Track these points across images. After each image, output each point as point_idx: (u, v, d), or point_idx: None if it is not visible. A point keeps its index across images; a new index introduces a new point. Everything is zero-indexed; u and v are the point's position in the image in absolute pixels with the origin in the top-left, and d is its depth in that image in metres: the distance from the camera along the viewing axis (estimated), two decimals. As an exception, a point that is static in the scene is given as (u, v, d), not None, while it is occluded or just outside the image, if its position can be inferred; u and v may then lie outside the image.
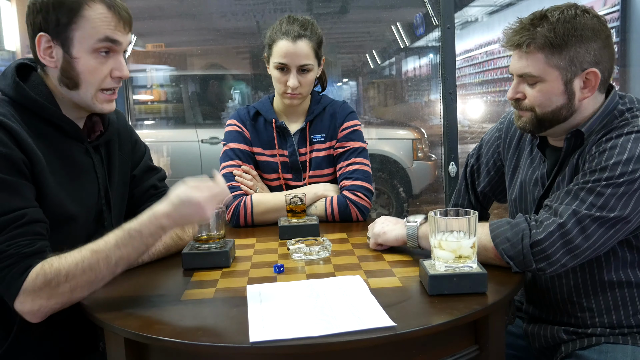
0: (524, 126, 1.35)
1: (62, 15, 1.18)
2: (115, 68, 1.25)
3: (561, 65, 1.25)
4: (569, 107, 1.29)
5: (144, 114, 5.04)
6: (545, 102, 1.29)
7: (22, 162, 1.14)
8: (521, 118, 1.35)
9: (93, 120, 1.36)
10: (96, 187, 1.33)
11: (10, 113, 1.18)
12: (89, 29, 1.20)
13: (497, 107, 6.22)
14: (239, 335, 0.94)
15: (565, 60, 1.25)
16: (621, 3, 3.98)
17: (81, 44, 1.20)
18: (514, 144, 1.53)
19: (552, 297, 1.40)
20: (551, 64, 1.25)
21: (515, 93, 1.33)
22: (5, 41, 4.31)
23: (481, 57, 6.64)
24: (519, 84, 1.32)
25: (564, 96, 1.28)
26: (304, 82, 1.76)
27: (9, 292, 1.08)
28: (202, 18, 4.81)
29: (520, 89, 1.32)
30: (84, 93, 1.24)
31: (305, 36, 1.73)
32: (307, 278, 1.23)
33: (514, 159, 1.53)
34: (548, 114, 1.30)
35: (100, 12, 1.20)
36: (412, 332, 0.94)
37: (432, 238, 1.11)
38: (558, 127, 1.33)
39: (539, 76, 1.27)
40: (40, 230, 1.14)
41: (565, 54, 1.24)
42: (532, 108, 1.31)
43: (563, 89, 1.27)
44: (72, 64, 1.21)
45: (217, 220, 1.35)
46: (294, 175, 1.86)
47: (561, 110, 1.29)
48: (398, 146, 4.73)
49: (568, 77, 1.26)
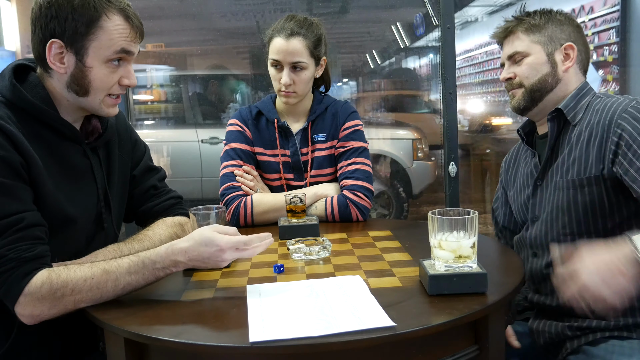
0: (517, 104, 1.51)
1: (80, 25, 1.18)
2: (125, 76, 1.27)
3: (542, 40, 1.48)
4: (554, 75, 1.48)
5: (144, 114, 5.04)
6: (532, 73, 1.48)
7: (20, 164, 1.13)
8: (514, 97, 1.52)
9: (92, 122, 1.35)
10: (94, 189, 1.33)
11: (7, 115, 1.17)
12: (106, 40, 1.20)
13: (497, 107, 6.22)
14: (238, 335, 0.94)
15: (545, 37, 1.48)
16: (621, 3, 3.98)
17: (96, 54, 1.21)
18: (509, 165, 1.68)
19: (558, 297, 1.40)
20: (534, 41, 1.49)
21: (507, 73, 1.53)
22: (5, 41, 4.31)
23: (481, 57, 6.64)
24: (509, 66, 1.53)
25: (547, 65, 1.47)
26: (298, 80, 1.76)
27: (10, 295, 1.08)
28: (202, 18, 4.81)
29: (511, 70, 1.52)
30: (92, 99, 1.25)
31: (300, 34, 1.73)
32: (307, 278, 1.23)
33: (512, 171, 1.66)
34: (536, 83, 1.48)
35: (117, 24, 1.21)
36: (412, 332, 0.94)
37: (432, 238, 1.11)
38: (547, 101, 1.48)
39: (524, 51, 1.49)
40: (40, 234, 1.13)
41: (544, 32, 1.48)
42: (522, 82, 1.49)
43: (546, 59, 1.48)
44: (84, 72, 1.21)
45: (217, 220, 1.35)
46: (295, 175, 1.86)
47: (547, 78, 1.47)
48: (398, 146, 4.74)
49: (549, 50, 1.48)
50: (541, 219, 1.47)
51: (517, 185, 1.60)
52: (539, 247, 1.48)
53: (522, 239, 1.55)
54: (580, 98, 1.46)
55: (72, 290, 1.08)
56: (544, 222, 1.46)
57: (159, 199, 1.49)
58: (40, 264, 1.10)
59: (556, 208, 1.43)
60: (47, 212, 1.17)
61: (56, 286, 1.07)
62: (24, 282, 1.07)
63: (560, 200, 1.42)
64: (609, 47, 4.09)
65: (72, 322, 1.19)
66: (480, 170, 5.19)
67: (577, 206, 1.38)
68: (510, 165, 1.67)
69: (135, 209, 1.49)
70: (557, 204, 1.43)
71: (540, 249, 1.48)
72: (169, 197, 1.50)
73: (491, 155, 5.24)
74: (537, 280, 1.50)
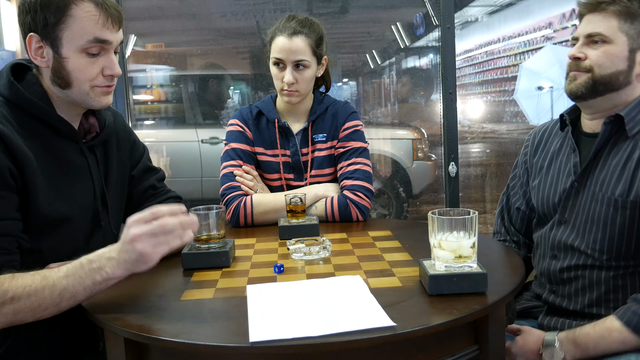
0: (577, 88, 1.37)
1: (49, 15, 1.17)
2: (107, 66, 1.23)
3: (631, 33, 1.33)
4: (627, 75, 1.35)
5: (144, 114, 5.04)
6: (607, 64, 1.34)
7: (7, 170, 1.12)
8: (575, 80, 1.38)
9: (89, 121, 1.35)
10: (91, 188, 1.33)
11: (4, 113, 1.18)
12: (77, 28, 1.18)
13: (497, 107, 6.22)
14: (238, 335, 0.94)
15: (635, 30, 1.33)
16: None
17: (70, 44, 1.19)
18: (538, 145, 1.57)
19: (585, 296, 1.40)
20: (622, 29, 1.33)
21: (578, 52, 1.37)
22: (5, 41, 4.31)
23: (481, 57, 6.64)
24: (583, 45, 1.37)
25: (625, 62, 1.34)
26: (300, 79, 1.76)
27: None
28: (202, 18, 4.81)
29: (584, 50, 1.37)
30: (77, 91, 1.23)
31: (302, 33, 1.74)
32: (307, 278, 1.23)
33: (540, 158, 1.56)
34: (606, 76, 1.34)
35: (87, 11, 1.19)
36: (412, 332, 0.94)
37: (432, 238, 1.11)
38: (607, 98, 1.36)
39: (609, 37, 1.33)
40: (5, 244, 1.12)
41: (637, 25, 1.32)
42: (592, 68, 1.35)
43: (627, 55, 1.34)
44: (62, 64, 1.20)
45: (217, 220, 1.35)
46: (295, 176, 1.86)
47: (619, 76, 1.34)
48: (398, 146, 4.74)
49: (633, 46, 1.33)
50: (571, 224, 1.42)
51: (548, 177, 1.50)
52: (562, 250, 1.44)
53: (544, 237, 1.50)
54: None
55: (12, 299, 1.02)
56: (574, 229, 1.41)
57: (157, 199, 1.49)
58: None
59: (590, 220, 1.37)
60: (41, 210, 1.17)
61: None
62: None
63: (597, 213, 1.36)
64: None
65: (72, 322, 1.19)
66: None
67: (614, 226, 1.33)
68: (540, 149, 1.57)
69: (134, 209, 1.48)
70: (592, 216, 1.37)
71: (562, 252, 1.44)
72: (168, 197, 1.51)
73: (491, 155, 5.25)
74: (554, 282, 1.47)
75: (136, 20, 4.24)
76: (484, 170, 5.16)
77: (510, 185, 1.67)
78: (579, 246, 1.40)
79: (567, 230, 1.43)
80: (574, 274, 1.41)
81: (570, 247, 1.42)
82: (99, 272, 1.04)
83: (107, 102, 1.29)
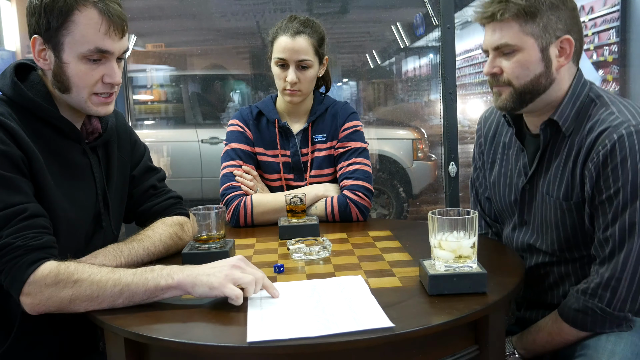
0: (504, 104, 1.33)
1: (52, 19, 1.17)
2: (107, 74, 1.22)
3: (536, 32, 1.27)
4: (548, 76, 1.30)
5: (144, 114, 5.03)
6: (523, 73, 1.29)
7: (20, 159, 1.14)
8: (500, 96, 1.34)
9: (92, 122, 1.35)
10: (93, 188, 1.33)
11: (8, 112, 1.18)
12: (79, 35, 1.18)
13: (497, 107, 6.22)
14: (238, 335, 0.94)
15: (539, 28, 1.26)
16: (621, 3, 3.98)
17: (71, 49, 1.19)
18: (489, 138, 1.56)
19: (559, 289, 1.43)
20: (526, 32, 1.27)
21: (492, 67, 1.32)
22: (5, 41, 4.31)
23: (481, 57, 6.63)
24: (494, 58, 1.32)
25: (541, 64, 1.29)
26: (303, 78, 1.76)
27: (16, 283, 1.07)
28: (202, 18, 4.81)
29: (497, 63, 1.32)
30: (76, 96, 1.23)
31: (305, 33, 1.74)
32: (307, 278, 1.23)
33: (491, 151, 1.56)
34: (527, 84, 1.29)
35: (90, 18, 1.18)
36: (412, 332, 0.94)
37: (432, 238, 1.11)
38: (538, 102, 1.32)
39: (516, 45, 1.27)
40: (45, 223, 1.14)
41: (539, 21, 1.26)
42: (510, 81, 1.30)
43: (540, 57, 1.28)
44: (62, 69, 1.20)
45: (217, 220, 1.35)
46: (295, 176, 1.86)
47: (540, 79, 1.29)
48: (398, 146, 4.73)
49: (544, 45, 1.28)
50: (531, 226, 1.44)
51: (501, 175, 1.50)
52: (526, 251, 1.47)
53: (509, 238, 1.52)
54: (575, 100, 1.32)
55: (75, 282, 1.06)
56: (534, 231, 1.44)
57: (158, 199, 1.49)
58: (48, 253, 1.10)
59: (546, 221, 1.39)
60: (46, 208, 1.18)
61: (61, 277, 1.06)
62: (30, 271, 1.06)
63: (549, 216, 1.37)
64: (609, 47, 4.09)
65: (72, 322, 1.20)
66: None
67: (566, 226, 1.34)
68: (489, 139, 1.56)
69: (135, 209, 1.49)
70: (546, 219, 1.38)
71: (527, 253, 1.47)
72: (168, 197, 1.50)
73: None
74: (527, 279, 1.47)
75: (136, 20, 4.23)
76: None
77: (473, 178, 1.66)
78: (540, 247, 1.42)
79: (529, 231, 1.46)
80: (543, 270, 1.44)
81: (533, 248, 1.44)
82: (165, 278, 1.07)
83: (106, 112, 1.28)
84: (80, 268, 1.08)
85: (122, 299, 1.07)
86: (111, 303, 1.07)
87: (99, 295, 1.06)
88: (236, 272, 1.07)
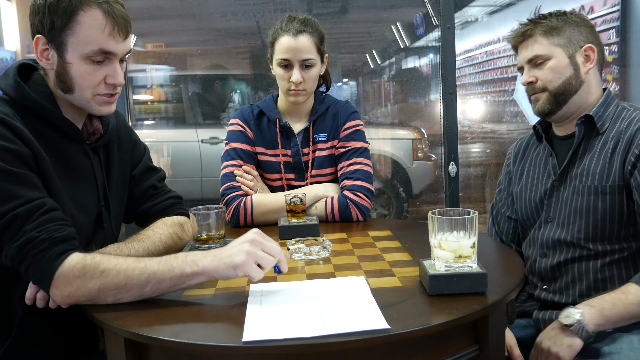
0: (542, 107, 1.51)
1: (56, 19, 1.17)
2: (110, 75, 1.23)
3: (562, 43, 1.48)
4: (577, 77, 1.48)
5: (144, 114, 5.03)
6: (555, 77, 1.48)
7: (29, 157, 1.14)
8: (538, 101, 1.52)
9: (93, 122, 1.35)
10: (95, 189, 1.33)
11: (12, 113, 1.18)
12: (83, 36, 1.18)
13: (497, 107, 6.22)
14: (237, 336, 0.94)
15: (564, 39, 1.48)
16: (621, 3, 3.98)
17: (74, 50, 1.19)
18: (518, 157, 1.68)
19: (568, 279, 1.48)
20: (554, 43, 1.48)
21: (528, 77, 1.52)
22: (5, 41, 4.31)
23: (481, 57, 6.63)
24: (529, 69, 1.52)
25: (570, 67, 1.48)
26: (307, 77, 1.76)
27: (44, 276, 1.08)
28: (202, 18, 4.81)
29: (532, 73, 1.51)
30: (79, 96, 1.24)
31: (306, 32, 1.74)
32: (307, 278, 1.23)
33: (519, 167, 1.67)
34: (560, 86, 1.48)
35: (95, 19, 1.18)
36: (412, 332, 0.94)
37: (432, 238, 1.11)
38: (571, 104, 1.49)
39: (546, 54, 1.48)
40: (64, 216, 1.14)
41: (563, 35, 1.48)
42: (545, 86, 1.49)
43: (568, 62, 1.48)
44: (66, 69, 1.20)
45: (217, 220, 1.35)
46: (296, 175, 1.86)
47: (570, 80, 1.48)
48: (398, 146, 4.73)
49: (570, 52, 1.48)
50: (556, 221, 1.51)
51: (528, 182, 1.61)
52: (550, 247, 1.52)
53: (532, 239, 1.58)
54: (607, 106, 1.48)
55: (102, 272, 1.07)
56: (559, 224, 1.50)
57: (158, 199, 1.49)
58: (73, 245, 1.10)
59: (574, 212, 1.47)
60: None
61: (88, 267, 1.07)
62: (58, 262, 1.07)
63: (579, 204, 1.46)
64: (609, 47, 4.09)
65: (72, 322, 1.20)
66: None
67: (597, 212, 1.43)
68: (519, 158, 1.68)
69: (135, 209, 1.49)
70: (575, 208, 1.47)
71: (550, 250, 1.52)
72: (168, 197, 1.50)
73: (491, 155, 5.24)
74: (545, 279, 1.54)
75: (136, 20, 4.22)
76: (484, 170, 5.15)
77: (495, 201, 1.74)
78: (565, 239, 1.48)
79: (554, 227, 1.52)
80: (564, 268, 1.49)
81: (557, 242, 1.50)
82: (190, 265, 1.08)
83: (109, 111, 1.29)
84: (106, 259, 1.09)
85: (149, 286, 1.08)
86: (139, 292, 1.08)
87: (127, 284, 1.07)
88: (258, 251, 1.09)
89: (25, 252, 1.07)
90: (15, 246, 1.08)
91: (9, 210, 1.08)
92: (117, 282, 1.07)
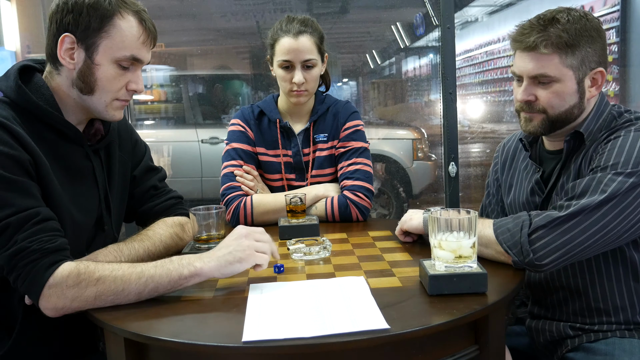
0: (534, 129, 1.35)
1: (94, 20, 1.18)
2: (132, 81, 1.25)
3: (574, 65, 1.28)
4: (580, 106, 1.32)
5: (144, 114, 5.03)
6: (559, 103, 1.31)
7: (28, 163, 1.14)
8: (532, 122, 1.35)
9: (94, 124, 1.35)
10: (96, 192, 1.33)
11: (12, 116, 1.17)
12: (119, 40, 1.20)
13: (497, 107, 6.22)
14: (237, 336, 0.94)
15: (577, 60, 1.28)
16: (621, 3, 3.98)
17: (105, 52, 1.20)
18: (507, 165, 1.58)
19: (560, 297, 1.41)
20: (566, 64, 1.28)
21: (527, 95, 1.33)
22: (5, 41, 4.31)
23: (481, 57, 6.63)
24: (530, 85, 1.32)
25: (576, 95, 1.31)
26: (309, 78, 1.76)
27: (34, 287, 1.07)
28: (202, 18, 4.81)
29: (532, 90, 1.32)
30: (98, 99, 1.24)
31: (307, 32, 1.73)
32: (307, 278, 1.23)
33: (508, 177, 1.57)
34: (561, 114, 1.32)
35: (131, 26, 1.21)
36: (412, 332, 0.94)
37: (432, 238, 1.11)
38: (566, 129, 1.36)
39: (555, 77, 1.28)
40: (57, 226, 1.14)
41: (578, 54, 1.28)
42: (545, 109, 1.32)
43: (576, 88, 1.30)
44: (92, 69, 1.21)
45: (217, 220, 1.35)
46: (297, 176, 1.86)
47: (573, 110, 1.32)
48: (398, 146, 4.73)
49: (580, 77, 1.30)
50: None
51: (516, 194, 1.52)
52: None
53: None
54: (600, 116, 1.34)
55: (97, 280, 1.07)
56: None
57: (159, 199, 1.49)
58: (64, 255, 1.10)
59: None
60: (53, 212, 1.17)
61: (83, 276, 1.07)
62: (48, 273, 1.06)
63: None
64: (608, 47, 4.09)
65: (72, 322, 1.19)
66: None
67: None
68: (507, 168, 1.59)
69: (136, 209, 1.49)
70: None
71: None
72: (169, 197, 1.50)
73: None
74: (535, 292, 1.49)
75: (136, 20, 4.22)
76: (484, 170, 5.15)
77: (485, 204, 1.69)
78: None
79: None
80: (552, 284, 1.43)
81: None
82: (187, 267, 1.11)
83: (119, 117, 1.30)
84: (101, 266, 1.09)
85: (147, 290, 1.09)
86: (137, 295, 1.09)
87: (125, 288, 1.08)
88: (254, 242, 1.16)
89: (15, 262, 1.07)
90: (5, 255, 1.07)
91: (1, 219, 1.08)
92: (114, 288, 1.08)
